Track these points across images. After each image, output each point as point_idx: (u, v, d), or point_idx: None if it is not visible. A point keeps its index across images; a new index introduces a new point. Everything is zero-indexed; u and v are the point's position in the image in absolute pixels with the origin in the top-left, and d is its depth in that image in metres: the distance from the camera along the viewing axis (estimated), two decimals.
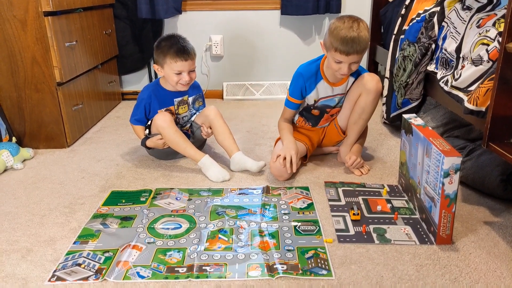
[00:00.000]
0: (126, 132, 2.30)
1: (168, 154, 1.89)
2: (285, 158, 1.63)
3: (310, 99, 1.75)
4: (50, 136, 2.05)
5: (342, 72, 1.59)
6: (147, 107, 1.82)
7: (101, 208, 1.50)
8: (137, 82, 3.00)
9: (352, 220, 1.40)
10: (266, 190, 1.61)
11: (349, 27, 1.51)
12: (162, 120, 1.74)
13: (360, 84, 1.70)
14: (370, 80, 1.68)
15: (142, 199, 1.56)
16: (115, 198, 1.58)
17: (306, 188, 1.63)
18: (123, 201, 1.55)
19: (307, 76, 1.70)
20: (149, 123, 1.82)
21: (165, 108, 1.83)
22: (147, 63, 2.92)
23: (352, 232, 1.34)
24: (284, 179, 1.69)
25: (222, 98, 2.97)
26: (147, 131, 1.82)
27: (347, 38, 1.50)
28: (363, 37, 1.52)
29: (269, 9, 2.84)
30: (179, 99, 1.85)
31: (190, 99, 1.89)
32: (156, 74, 2.95)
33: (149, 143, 1.80)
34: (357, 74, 1.72)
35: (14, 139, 1.95)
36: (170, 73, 1.75)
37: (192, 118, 1.92)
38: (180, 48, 1.71)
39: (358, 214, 1.40)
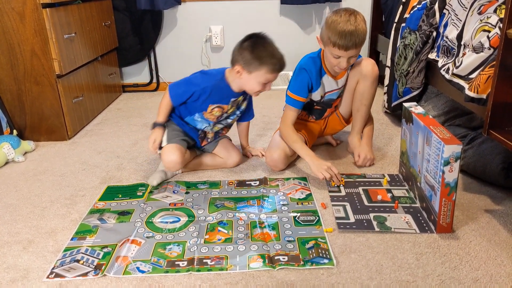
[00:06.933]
0: (126, 124, 2.30)
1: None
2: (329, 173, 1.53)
3: (316, 95, 1.71)
4: (50, 129, 2.05)
5: (341, 67, 1.57)
6: (195, 95, 1.59)
7: (98, 203, 1.49)
8: (137, 74, 2.99)
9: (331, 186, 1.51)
10: (264, 182, 1.60)
11: (346, 20, 1.48)
12: (174, 163, 1.57)
13: (356, 71, 1.69)
14: (365, 65, 1.67)
15: (139, 193, 1.55)
16: (111, 193, 1.56)
17: (304, 179, 1.63)
18: (120, 195, 1.54)
19: (312, 71, 1.65)
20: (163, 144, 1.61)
21: (217, 105, 1.62)
22: (147, 55, 2.91)
23: (352, 220, 1.34)
24: (280, 170, 1.69)
25: None
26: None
27: (345, 32, 1.47)
28: (361, 29, 1.49)
29: None
30: (235, 99, 1.65)
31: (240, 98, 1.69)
32: (156, 67, 2.93)
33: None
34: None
35: (15, 132, 1.96)
36: (255, 82, 1.54)
37: (229, 120, 1.73)
38: (281, 60, 1.54)
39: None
